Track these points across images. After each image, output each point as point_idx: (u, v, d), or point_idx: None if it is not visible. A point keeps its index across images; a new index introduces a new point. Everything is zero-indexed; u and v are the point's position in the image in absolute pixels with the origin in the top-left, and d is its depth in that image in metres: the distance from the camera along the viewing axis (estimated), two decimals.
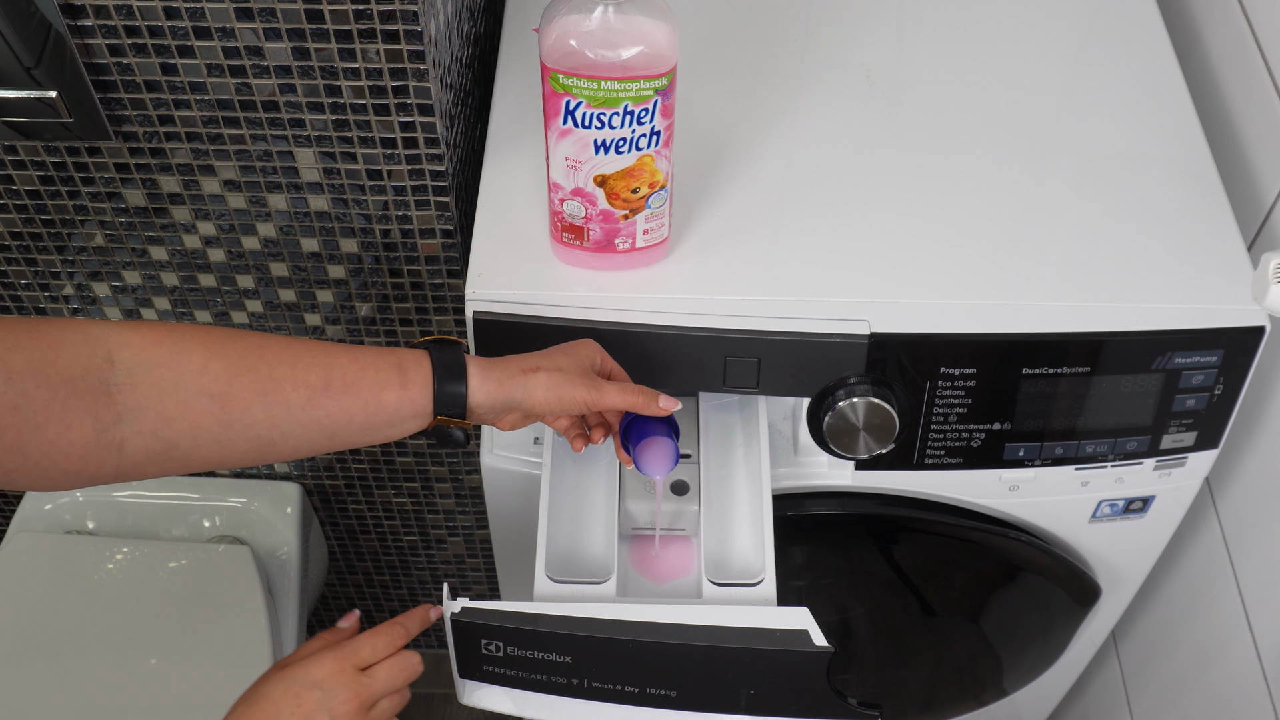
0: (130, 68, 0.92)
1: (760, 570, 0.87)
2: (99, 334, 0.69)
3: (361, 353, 0.77)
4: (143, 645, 1.24)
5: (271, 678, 0.75)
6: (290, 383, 0.74)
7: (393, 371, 0.77)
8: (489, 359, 0.81)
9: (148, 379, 0.70)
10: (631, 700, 0.83)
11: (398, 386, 0.77)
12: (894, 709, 1.36)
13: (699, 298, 0.90)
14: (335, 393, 0.75)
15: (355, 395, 0.75)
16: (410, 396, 0.77)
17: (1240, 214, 0.98)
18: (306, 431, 0.75)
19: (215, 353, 0.72)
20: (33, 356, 0.66)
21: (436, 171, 0.99)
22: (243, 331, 0.75)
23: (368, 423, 0.77)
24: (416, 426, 0.79)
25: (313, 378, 0.74)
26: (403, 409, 0.77)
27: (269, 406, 0.73)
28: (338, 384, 0.75)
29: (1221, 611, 1.09)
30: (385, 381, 0.77)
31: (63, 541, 1.30)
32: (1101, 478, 1.01)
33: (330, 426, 0.75)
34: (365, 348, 0.78)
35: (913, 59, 1.07)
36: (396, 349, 0.79)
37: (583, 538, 0.92)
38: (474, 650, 0.82)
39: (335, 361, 0.76)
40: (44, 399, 0.66)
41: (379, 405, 0.76)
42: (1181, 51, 1.10)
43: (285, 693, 0.74)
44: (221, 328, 0.75)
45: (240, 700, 0.74)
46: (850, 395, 0.91)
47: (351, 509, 1.47)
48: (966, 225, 0.94)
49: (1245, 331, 0.91)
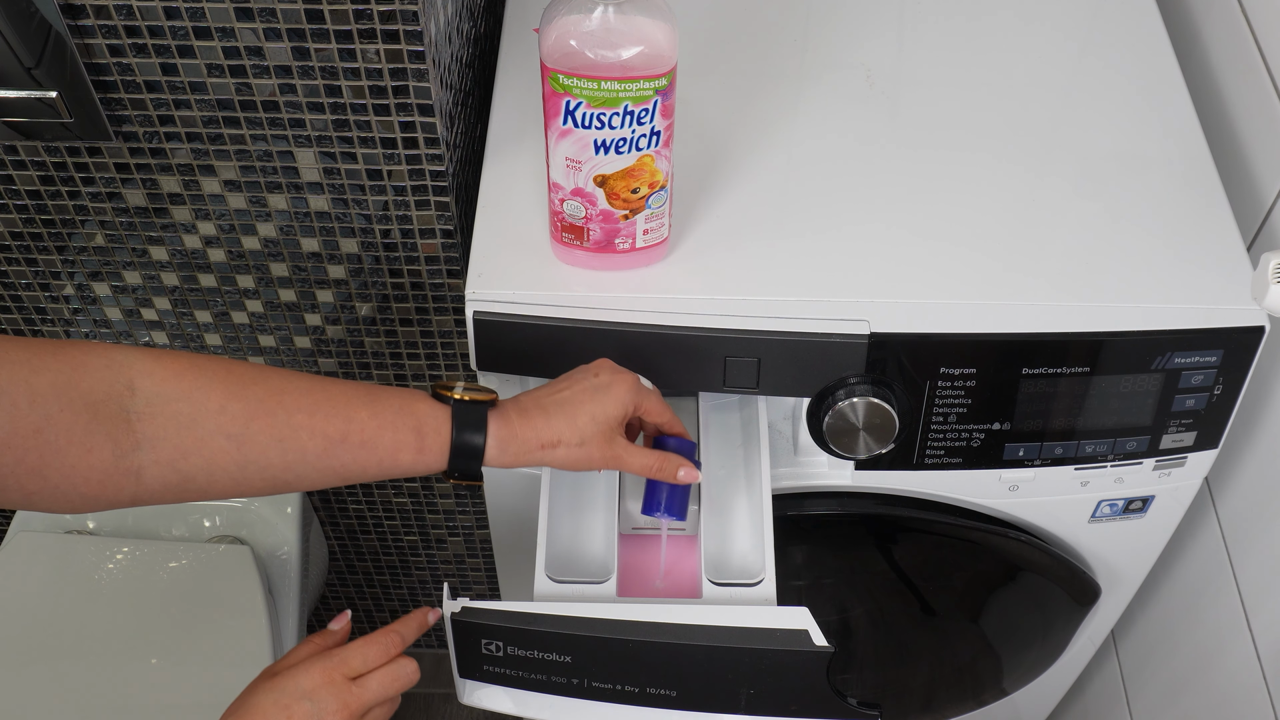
0: (130, 68, 0.92)
1: (760, 570, 0.87)
2: (122, 360, 0.70)
3: (382, 407, 0.77)
4: (143, 645, 1.24)
5: (260, 688, 0.74)
6: (307, 431, 0.74)
7: (410, 435, 0.77)
8: (511, 424, 0.79)
9: (166, 410, 0.70)
10: (631, 700, 0.83)
11: (414, 451, 0.77)
12: (894, 709, 1.36)
13: (699, 298, 0.90)
14: (351, 447, 0.75)
15: (370, 452, 0.76)
16: (425, 461, 0.78)
17: (1240, 214, 0.98)
18: (320, 476, 0.76)
19: (235, 394, 0.72)
20: (58, 379, 0.67)
21: (436, 171, 0.99)
22: (264, 371, 0.75)
23: (379, 474, 0.78)
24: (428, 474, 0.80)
25: (330, 429, 0.75)
26: (416, 469, 0.78)
27: (285, 453, 0.73)
28: (355, 439, 0.75)
29: (1221, 611, 1.09)
30: (402, 445, 0.77)
31: (63, 541, 1.30)
32: (1101, 478, 1.01)
33: (343, 474, 0.76)
34: (386, 398, 0.77)
35: (913, 59, 1.07)
36: (418, 405, 0.78)
37: (583, 537, 0.92)
38: (474, 650, 0.82)
39: (354, 415, 0.76)
40: (67, 422, 0.66)
41: (394, 464, 0.77)
42: (1181, 51, 1.10)
43: (274, 704, 0.73)
44: (244, 364, 0.75)
45: (228, 711, 0.73)
46: (850, 395, 0.91)
47: (351, 509, 1.47)
48: (966, 225, 0.94)
49: (1245, 331, 0.91)
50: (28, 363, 0.66)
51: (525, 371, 0.95)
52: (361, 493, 1.44)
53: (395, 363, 1.21)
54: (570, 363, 0.90)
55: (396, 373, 1.23)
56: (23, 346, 0.67)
